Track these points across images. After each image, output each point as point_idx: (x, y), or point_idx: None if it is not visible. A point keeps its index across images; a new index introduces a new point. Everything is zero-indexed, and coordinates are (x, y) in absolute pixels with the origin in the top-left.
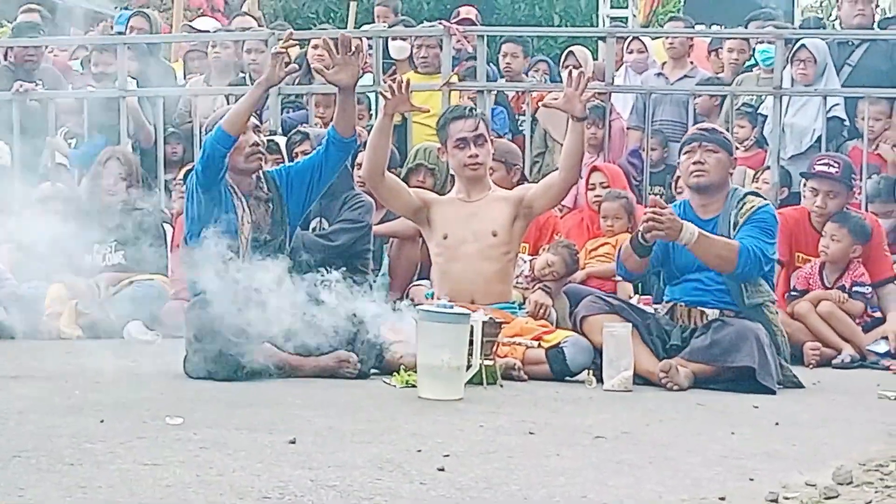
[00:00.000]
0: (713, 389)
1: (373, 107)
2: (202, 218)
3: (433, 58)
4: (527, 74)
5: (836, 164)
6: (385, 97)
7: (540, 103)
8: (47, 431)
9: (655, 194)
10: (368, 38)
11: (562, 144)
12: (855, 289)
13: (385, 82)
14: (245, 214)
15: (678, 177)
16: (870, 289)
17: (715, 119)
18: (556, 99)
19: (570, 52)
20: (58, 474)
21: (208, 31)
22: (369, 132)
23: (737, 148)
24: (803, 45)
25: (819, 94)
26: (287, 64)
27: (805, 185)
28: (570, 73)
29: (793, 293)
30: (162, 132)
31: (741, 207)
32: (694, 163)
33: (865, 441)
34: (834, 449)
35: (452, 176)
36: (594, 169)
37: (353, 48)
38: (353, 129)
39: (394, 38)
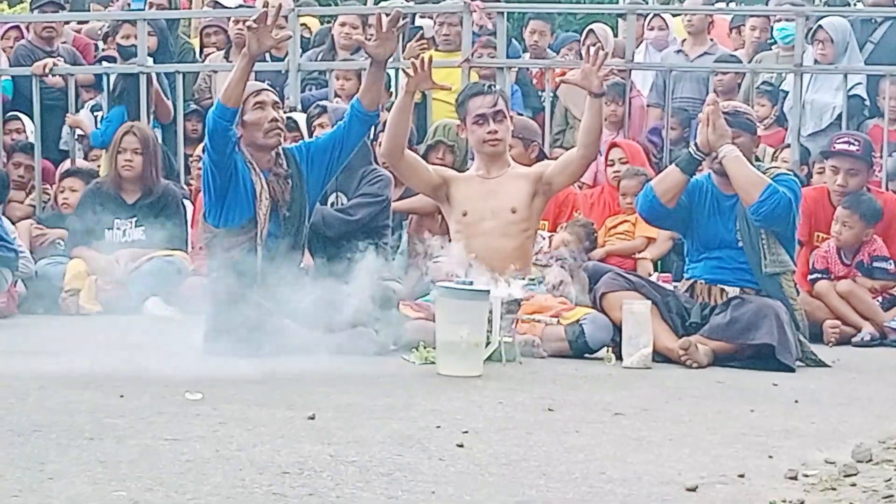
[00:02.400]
0: (732, 367)
1: (392, 84)
2: (219, 194)
3: (455, 35)
4: (557, 52)
5: (856, 142)
6: (408, 74)
7: (558, 78)
8: (67, 406)
9: None
10: (388, 15)
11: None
12: (876, 264)
13: (408, 59)
14: (263, 190)
15: None
16: (892, 263)
17: (736, 97)
18: (574, 75)
19: (591, 30)
20: (77, 449)
21: (229, 7)
22: (389, 109)
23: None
24: (820, 26)
25: (840, 72)
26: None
27: (825, 163)
28: (587, 49)
29: (812, 277)
30: (182, 108)
31: None
32: None
33: (885, 419)
34: (853, 427)
35: (472, 153)
36: (613, 145)
37: (401, 24)
38: (379, 103)
39: (422, 16)
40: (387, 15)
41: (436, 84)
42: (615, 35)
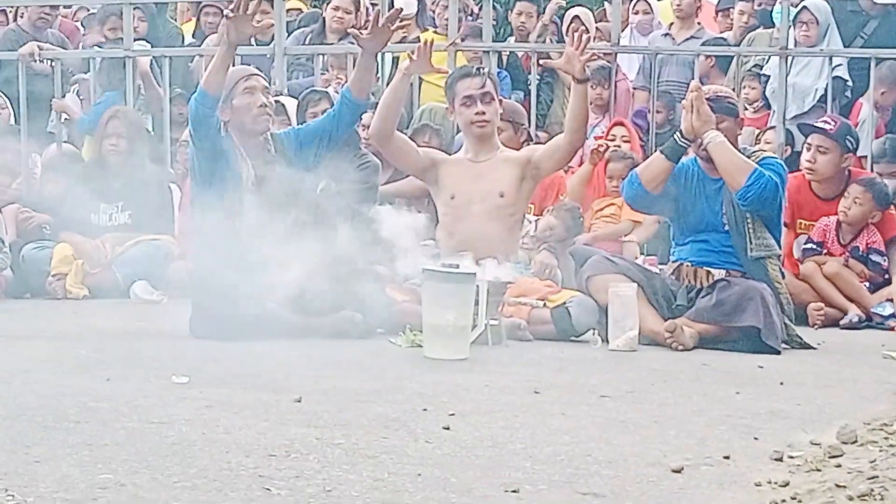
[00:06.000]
0: (718, 349)
1: (379, 69)
2: (205, 178)
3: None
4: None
5: (832, 122)
6: (411, 58)
7: (542, 61)
8: (53, 390)
9: None
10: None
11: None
12: (872, 257)
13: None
14: (250, 176)
15: None
16: (886, 259)
17: (715, 80)
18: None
19: (576, 16)
20: (64, 432)
21: None
22: (375, 94)
23: (745, 109)
24: (805, 7)
25: (825, 55)
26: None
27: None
28: (571, 33)
29: (807, 246)
30: (168, 92)
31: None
32: None
33: (870, 400)
34: (838, 408)
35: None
36: (619, 123)
37: (399, 20)
38: (369, 92)
39: None
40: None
41: (434, 67)
42: (602, 19)
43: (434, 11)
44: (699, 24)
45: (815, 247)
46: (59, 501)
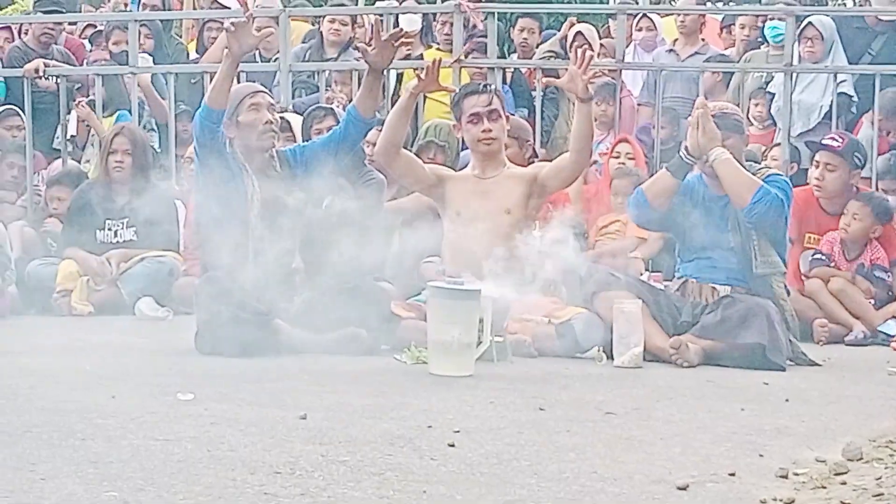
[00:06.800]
0: (723, 366)
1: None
2: (210, 195)
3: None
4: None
5: (840, 139)
6: (420, 78)
7: (545, 79)
8: (58, 406)
9: None
10: (379, 15)
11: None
12: (876, 273)
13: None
14: (255, 193)
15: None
16: (890, 275)
17: (721, 97)
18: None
19: (579, 32)
20: (69, 449)
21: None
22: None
23: (751, 125)
24: (810, 23)
25: (830, 72)
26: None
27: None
28: (575, 50)
29: (815, 257)
30: (173, 109)
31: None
32: None
33: (875, 417)
34: (844, 425)
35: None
36: (623, 140)
37: (403, 37)
38: (375, 110)
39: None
40: (378, 15)
41: (441, 86)
42: (607, 35)
43: (436, 28)
44: (703, 40)
45: (822, 258)
46: None
